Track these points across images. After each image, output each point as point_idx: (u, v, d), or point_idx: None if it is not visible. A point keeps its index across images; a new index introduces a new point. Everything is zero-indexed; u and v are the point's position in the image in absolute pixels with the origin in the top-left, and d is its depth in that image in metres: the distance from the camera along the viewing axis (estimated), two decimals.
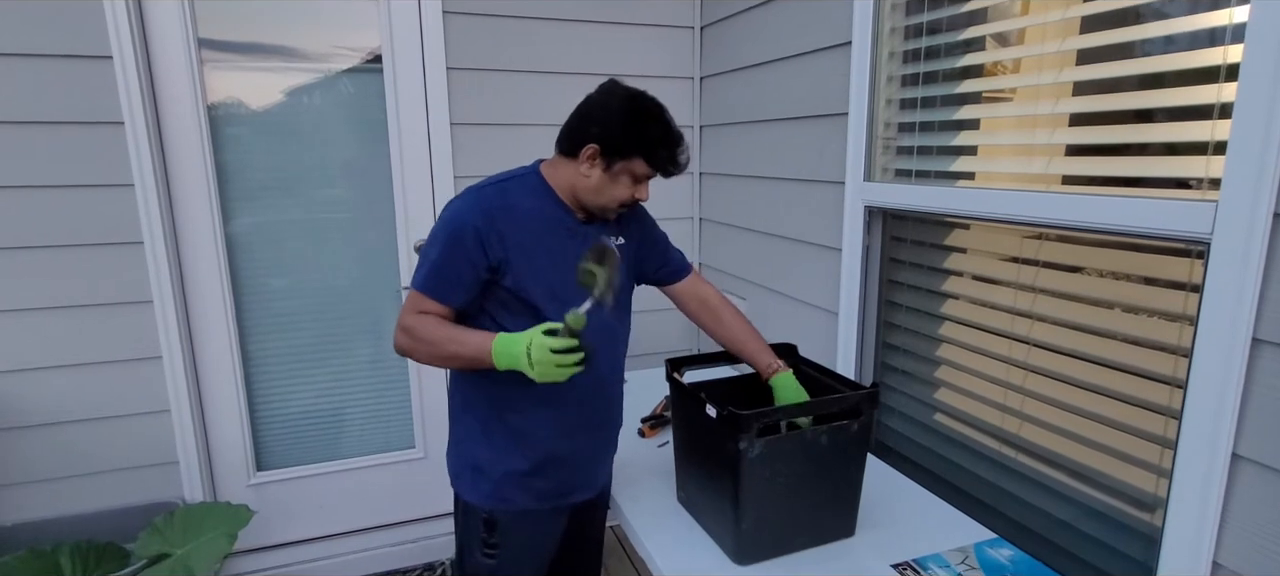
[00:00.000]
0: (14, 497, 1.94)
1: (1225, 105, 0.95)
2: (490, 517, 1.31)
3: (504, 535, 1.33)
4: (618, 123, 1.21)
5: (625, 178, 1.23)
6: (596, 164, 1.22)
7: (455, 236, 1.20)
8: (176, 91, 1.94)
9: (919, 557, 1.22)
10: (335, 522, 2.37)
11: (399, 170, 2.19)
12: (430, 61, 2.13)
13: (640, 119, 1.22)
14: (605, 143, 1.20)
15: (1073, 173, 1.23)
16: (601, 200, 1.26)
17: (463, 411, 1.35)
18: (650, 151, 1.21)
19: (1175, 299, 1.08)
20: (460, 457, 1.35)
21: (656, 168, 1.24)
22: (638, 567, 2.38)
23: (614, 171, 1.23)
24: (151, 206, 1.90)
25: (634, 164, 1.22)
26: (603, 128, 1.21)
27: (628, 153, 1.21)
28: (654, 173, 1.25)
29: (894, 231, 1.65)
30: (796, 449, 1.18)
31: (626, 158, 1.21)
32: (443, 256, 1.21)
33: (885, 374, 1.71)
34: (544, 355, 1.11)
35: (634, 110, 1.23)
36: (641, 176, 1.25)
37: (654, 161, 1.22)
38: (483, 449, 1.31)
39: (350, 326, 2.27)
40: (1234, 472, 0.97)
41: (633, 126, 1.21)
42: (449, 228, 1.21)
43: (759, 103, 2.07)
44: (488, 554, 1.33)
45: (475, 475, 1.32)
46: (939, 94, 1.48)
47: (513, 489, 1.31)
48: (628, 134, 1.21)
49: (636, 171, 1.23)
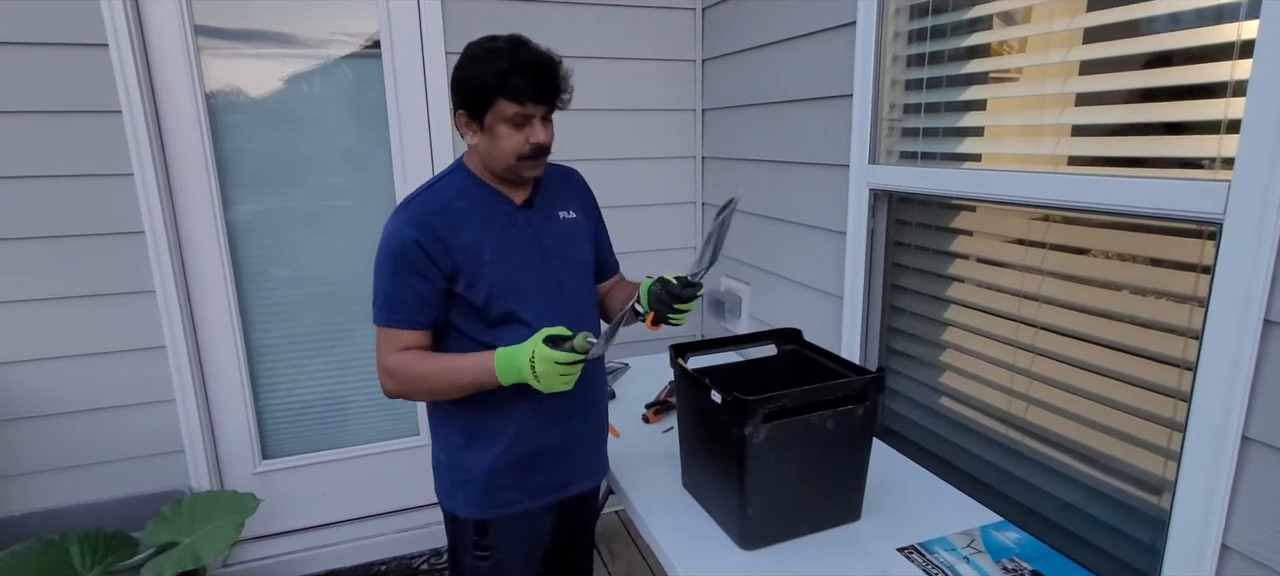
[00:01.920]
0: (22, 487, 1.95)
1: (1239, 83, 0.94)
2: (482, 521, 1.30)
3: (496, 537, 1.31)
4: (463, 77, 1.16)
5: (503, 127, 1.15)
6: (470, 127, 1.18)
7: (399, 257, 1.16)
8: (174, 79, 1.93)
9: (925, 541, 1.22)
10: (341, 510, 2.38)
11: (399, 157, 2.17)
12: (429, 46, 2.11)
13: (479, 61, 1.14)
14: (460, 101, 1.17)
15: (1082, 154, 1.21)
16: (501, 161, 1.18)
17: (443, 425, 1.31)
18: (502, 86, 1.12)
19: (1185, 280, 1.07)
20: (449, 476, 1.32)
21: (523, 97, 1.12)
22: (643, 552, 2.40)
23: (487, 126, 1.16)
24: (151, 195, 1.90)
25: (500, 108, 1.13)
26: (456, 90, 1.17)
27: (486, 99, 1.13)
28: (528, 109, 1.14)
29: (899, 214, 1.64)
30: (802, 434, 1.18)
31: (488, 105, 1.13)
32: (394, 282, 1.17)
33: (890, 358, 1.71)
34: (549, 368, 1.11)
35: (468, 60, 1.16)
36: (516, 117, 1.14)
37: (515, 94, 1.12)
38: (470, 457, 1.28)
39: (352, 315, 2.27)
40: (1244, 455, 0.96)
41: (478, 70, 1.13)
42: (390, 250, 1.16)
43: (762, 85, 2.05)
44: (480, 556, 1.32)
45: (465, 487, 1.29)
46: (945, 74, 1.46)
47: (505, 491, 1.29)
48: (477, 80, 1.13)
49: (506, 114, 1.14)
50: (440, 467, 1.34)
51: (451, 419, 1.29)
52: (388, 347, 1.20)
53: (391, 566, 2.35)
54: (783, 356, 1.47)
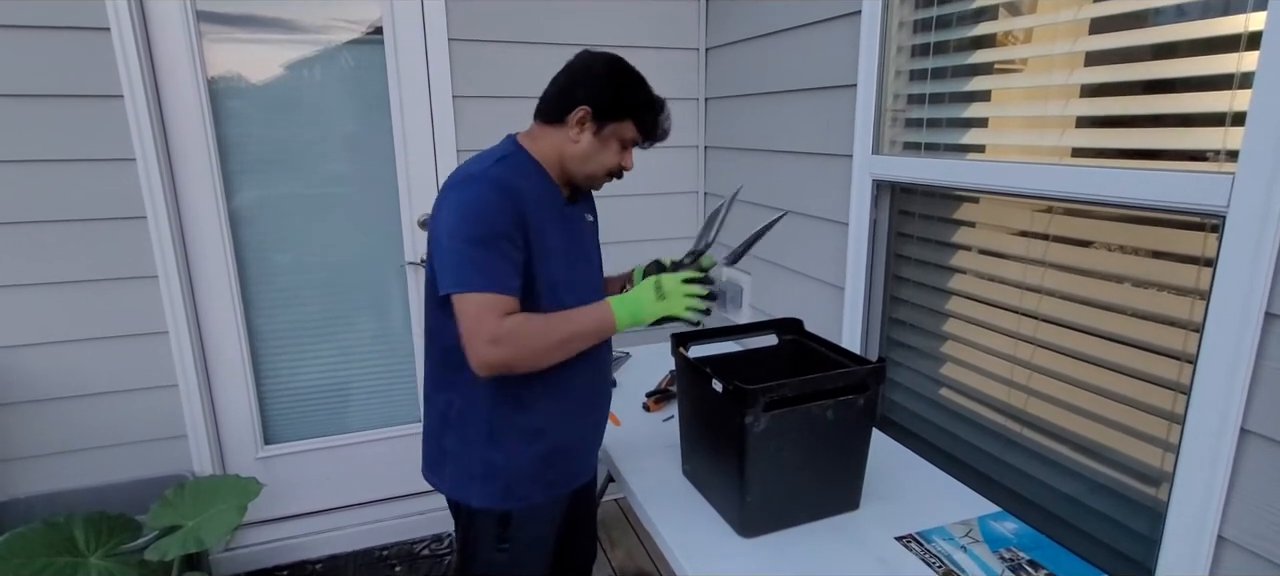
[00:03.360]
0: (27, 470, 1.96)
1: (1246, 75, 0.93)
2: (505, 514, 1.26)
3: (517, 529, 1.28)
4: (607, 85, 1.21)
5: (614, 143, 1.23)
6: (587, 127, 1.21)
7: (489, 223, 1.12)
8: (176, 64, 1.92)
9: (923, 530, 1.23)
10: (343, 495, 2.40)
11: (401, 143, 2.17)
12: (431, 32, 2.10)
13: (628, 82, 1.23)
14: (596, 105, 1.19)
15: (1087, 145, 1.21)
16: (589, 167, 1.23)
17: (461, 420, 1.26)
18: (639, 114, 1.22)
19: (1187, 273, 1.07)
20: (464, 468, 1.27)
21: (643, 131, 1.24)
22: (643, 540, 2.41)
23: (604, 135, 1.22)
24: (154, 180, 1.90)
25: (623, 127, 1.22)
26: (591, 90, 1.20)
27: (618, 114, 1.21)
28: (640, 138, 1.25)
29: (901, 205, 1.63)
30: (802, 423, 1.18)
31: (617, 120, 1.21)
32: (486, 249, 1.11)
33: (891, 349, 1.71)
34: (677, 286, 1.16)
35: (622, 73, 1.23)
36: (629, 141, 1.24)
37: (642, 125, 1.23)
38: (492, 452, 1.24)
39: (355, 301, 2.27)
40: (1242, 447, 0.97)
41: (622, 89, 1.22)
42: (478, 216, 1.12)
43: (766, 74, 2.04)
44: (501, 549, 1.29)
45: (486, 480, 1.25)
46: (949, 65, 1.45)
47: (526, 485, 1.27)
48: (619, 96, 1.21)
49: (625, 135, 1.23)
50: (451, 458, 1.29)
51: (476, 408, 1.23)
52: (491, 314, 1.09)
53: (393, 551, 2.36)
54: (784, 346, 1.48)
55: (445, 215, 1.15)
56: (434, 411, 1.30)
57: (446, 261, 1.13)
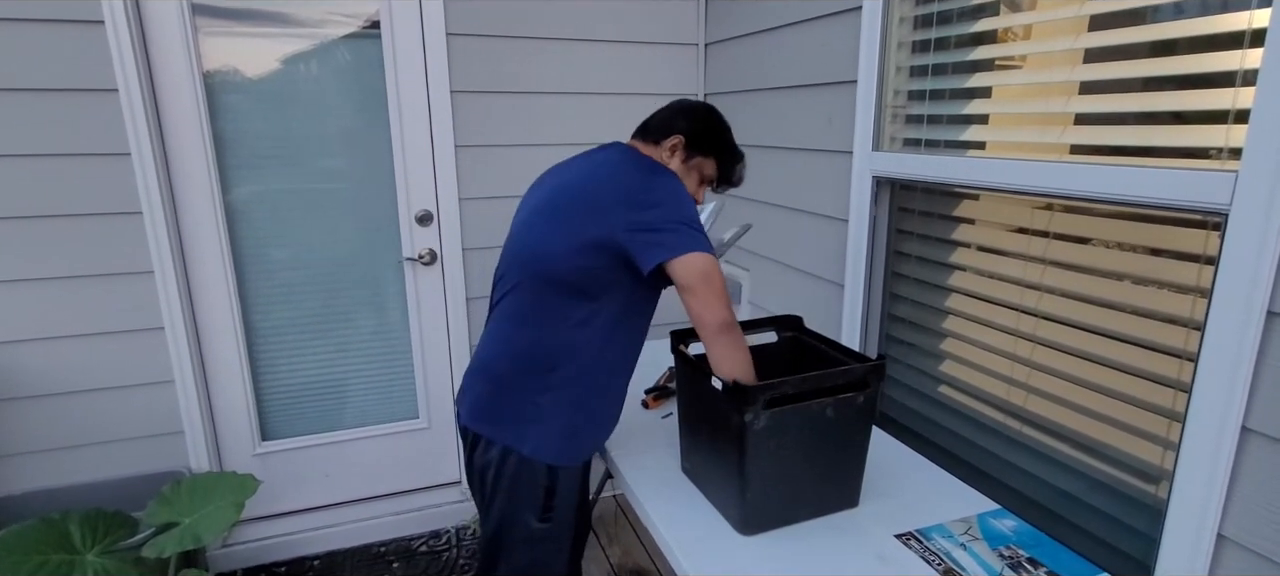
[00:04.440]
0: (23, 467, 1.96)
1: (1249, 72, 0.93)
2: (550, 485, 1.32)
3: (560, 497, 1.34)
4: (704, 122, 1.39)
5: (696, 175, 1.38)
6: (678, 154, 1.36)
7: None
8: (171, 58, 1.91)
9: (922, 528, 1.23)
10: (340, 492, 2.39)
11: (399, 139, 2.16)
12: (429, 27, 2.08)
13: (723, 126, 1.42)
14: (691, 136, 1.35)
15: (1087, 142, 1.20)
16: None
17: (541, 369, 1.28)
18: (723, 154, 1.39)
19: (1188, 271, 1.07)
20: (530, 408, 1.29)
21: (722, 172, 1.40)
22: (641, 537, 2.41)
23: (690, 165, 1.37)
24: (149, 175, 1.88)
25: (706, 163, 1.38)
26: (690, 123, 1.37)
27: (706, 150, 1.37)
28: (717, 178, 1.41)
29: (901, 202, 1.63)
30: (802, 421, 1.18)
31: (704, 154, 1.37)
32: (696, 211, 1.25)
33: (891, 346, 1.71)
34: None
35: (717, 118, 1.42)
36: (708, 178, 1.40)
37: (723, 166, 1.40)
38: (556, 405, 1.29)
39: (352, 297, 2.27)
40: (1243, 445, 0.97)
41: (716, 130, 1.40)
42: (684, 188, 1.27)
43: (765, 70, 2.03)
44: (545, 518, 1.35)
45: (545, 426, 1.30)
46: (950, 61, 1.44)
47: (578, 444, 1.34)
48: (711, 134, 1.38)
49: (706, 171, 1.39)
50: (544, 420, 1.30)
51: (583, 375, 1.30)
52: (719, 274, 1.19)
53: (390, 548, 2.36)
54: (783, 343, 1.47)
55: (655, 193, 1.22)
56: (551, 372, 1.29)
57: (669, 227, 1.18)
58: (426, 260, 2.27)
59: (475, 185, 2.24)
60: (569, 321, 1.26)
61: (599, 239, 1.20)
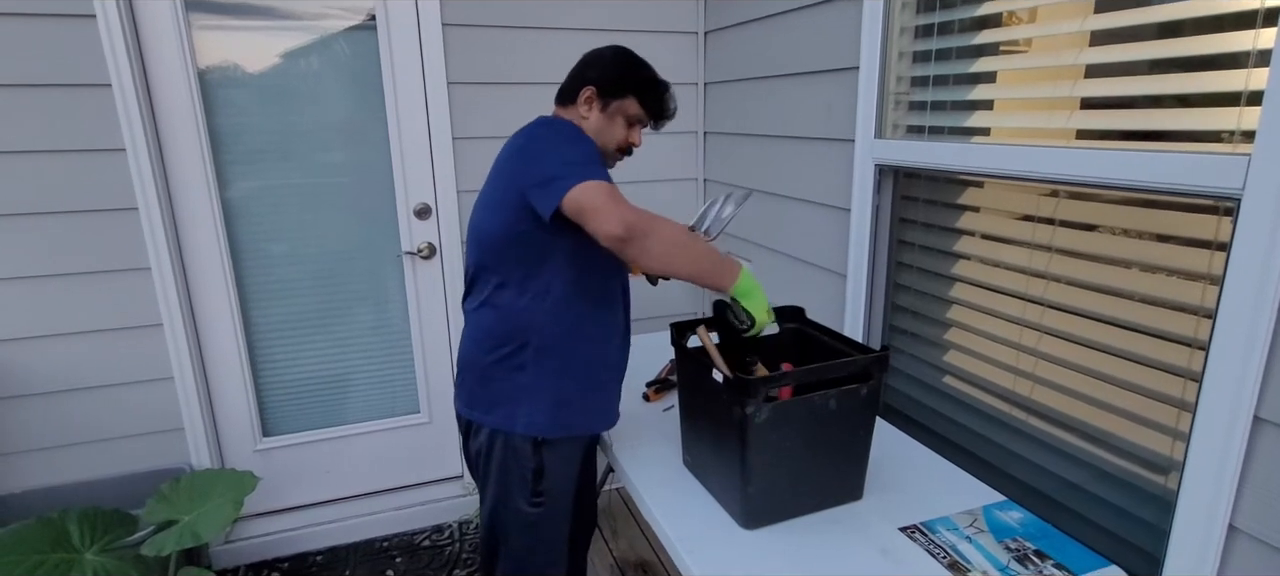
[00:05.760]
0: (21, 465, 1.95)
1: (1263, 52, 0.90)
2: (538, 466, 1.33)
3: (549, 479, 1.34)
4: (612, 66, 1.35)
5: (620, 119, 1.35)
6: (594, 105, 1.34)
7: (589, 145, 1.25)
8: (164, 52, 1.89)
9: (927, 520, 1.21)
10: (342, 487, 2.39)
11: (396, 131, 2.14)
12: (425, 18, 2.06)
13: (632, 64, 1.37)
14: (601, 84, 1.33)
15: (1095, 127, 1.18)
16: (599, 142, 1.32)
17: (511, 345, 1.30)
18: (641, 91, 1.35)
19: (1198, 258, 1.05)
20: (508, 387, 1.31)
21: (647, 108, 1.36)
22: (644, 530, 2.40)
23: (610, 112, 1.34)
24: (144, 171, 1.87)
25: (627, 104, 1.34)
26: (599, 71, 1.34)
27: (622, 92, 1.33)
28: (645, 115, 1.37)
29: (905, 190, 1.61)
30: (805, 413, 1.16)
31: (620, 97, 1.34)
32: (596, 153, 1.24)
33: (894, 336, 1.69)
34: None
35: (626, 56, 1.37)
36: (634, 118, 1.36)
37: (645, 102, 1.35)
38: (536, 377, 1.30)
39: (352, 292, 2.25)
40: (1255, 435, 0.95)
41: (625, 69, 1.35)
42: (572, 129, 1.28)
43: (765, 58, 2.00)
44: (536, 502, 1.35)
45: (527, 401, 1.31)
46: (954, 46, 1.42)
47: (565, 416, 1.33)
48: (622, 75, 1.34)
49: (629, 112, 1.35)
50: (525, 395, 1.31)
51: (556, 345, 1.30)
52: (613, 190, 1.14)
53: (393, 542, 2.35)
54: (785, 335, 1.45)
55: (542, 146, 1.24)
56: (515, 353, 1.31)
57: (556, 172, 1.16)
58: (425, 254, 2.25)
59: (473, 178, 2.22)
60: (524, 296, 1.28)
61: (516, 206, 1.22)
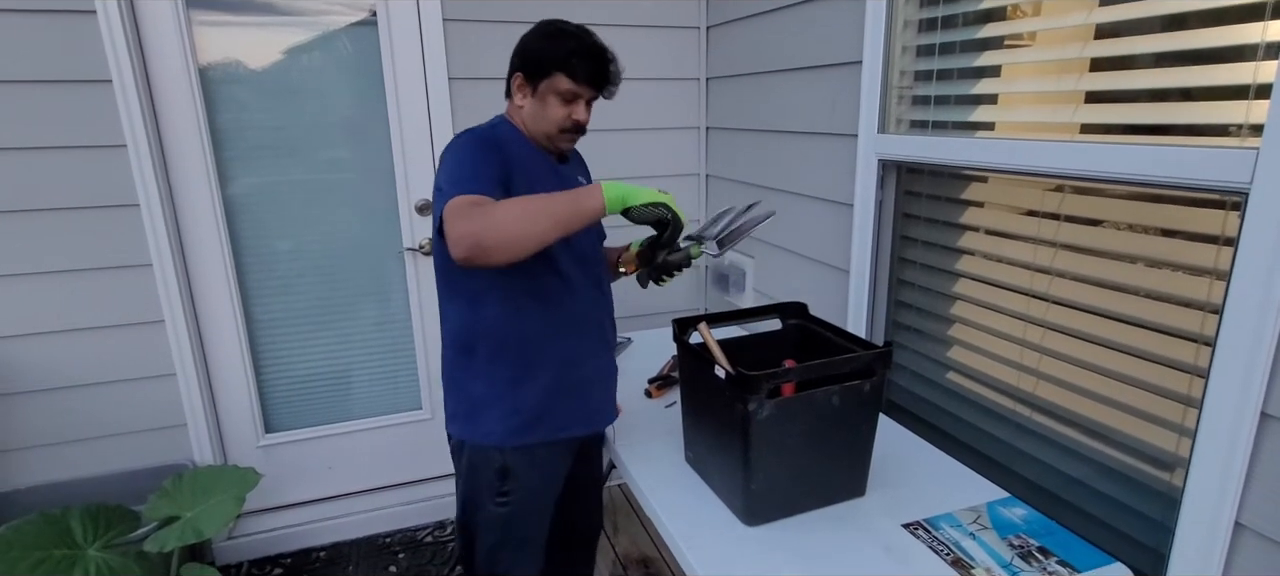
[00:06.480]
0: (24, 461, 1.95)
1: (1271, 45, 0.89)
2: (503, 466, 1.30)
3: (516, 479, 1.32)
4: (532, 44, 1.26)
5: (552, 98, 1.26)
6: (524, 89, 1.28)
7: (482, 144, 1.20)
8: (165, 48, 1.88)
9: (930, 517, 1.20)
10: (345, 483, 2.39)
11: (397, 128, 2.13)
12: (426, 13, 2.05)
13: (552, 36, 1.26)
14: (526, 67, 1.26)
15: (1100, 121, 1.17)
16: (541, 127, 1.28)
17: (465, 353, 1.30)
18: (566, 64, 1.23)
19: (1205, 253, 1.04)
20: (466, 397, 1.32)
21: (580, 81, 1.24)
22: (646, 527, 2.40)
23: (540, 93, 1.26)
24: (145, 167, 1.86)
25: (556, 81, 1.24)
26: (521, 54, 1.27)
27: (546, 71, 1.24)
28: (580, 89, 1.25)
29: (908, 185, 1.60)
30: (807, 410, 1.16)
31: (547, 75, 1.24)
32: (476, 159, 1.16)
33: (897, 332, 1.68)
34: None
35: (546, 31, 1.27)
36: (567, 93, 1.25)
37: (574, 74, 1.24)
38: (490, 386, 1.29)
39: (354, 288, 2.25)
40: (1262, 431, 0.94)
41: (546, 44, 1.25)
42: (476, 140, 1.22)
43: (768, 53, 1.99)
44: (501, 502, 1.33)
45: (484, 411, 1.30)
46: (958, 39, 1.41)
47: (524, 422, 1.30)
48: (542, 52, 1.25)
49: (560, 88, 1.25)
50: (456, 388, 1.33)
51: (505, 351, 1.28)
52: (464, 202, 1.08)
53: (395, 538, 2.36)
54: (788, 330, 1.45)
55: (444, 159, 1.21)
56: (449, 350, 1.34)
57: (439, 186, 1.16)
58: (427, 250, 2.25)
59: None
60: (467, 306, 1.28)
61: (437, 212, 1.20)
